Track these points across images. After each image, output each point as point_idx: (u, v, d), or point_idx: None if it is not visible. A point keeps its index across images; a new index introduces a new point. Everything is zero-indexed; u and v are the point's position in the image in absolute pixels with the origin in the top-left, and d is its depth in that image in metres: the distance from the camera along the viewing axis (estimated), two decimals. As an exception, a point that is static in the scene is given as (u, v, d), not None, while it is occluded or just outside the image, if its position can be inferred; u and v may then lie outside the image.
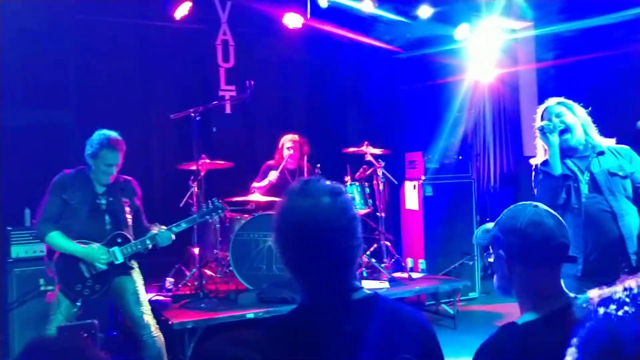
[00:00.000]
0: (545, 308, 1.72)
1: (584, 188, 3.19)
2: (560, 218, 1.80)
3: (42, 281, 4.90)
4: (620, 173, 3.18)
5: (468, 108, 7.85)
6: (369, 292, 1.59)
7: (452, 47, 7.28)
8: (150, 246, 3.92)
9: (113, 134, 3.94)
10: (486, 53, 7.40)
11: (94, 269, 3.79)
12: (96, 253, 3.75)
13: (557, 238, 1.73)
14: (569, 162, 3.26)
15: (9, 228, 5.08)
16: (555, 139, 3.23)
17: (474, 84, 7.72)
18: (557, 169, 3.21)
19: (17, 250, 5.03)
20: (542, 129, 3.27)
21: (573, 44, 7.32)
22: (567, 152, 3.26)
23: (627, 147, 3.30)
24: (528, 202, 1.82)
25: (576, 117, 3.29)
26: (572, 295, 1.77)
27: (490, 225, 1.88)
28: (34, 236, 4.07)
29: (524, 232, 1.73)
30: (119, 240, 3.86)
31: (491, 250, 1.85)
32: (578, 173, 3.23)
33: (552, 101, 3.37)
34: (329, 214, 1.49)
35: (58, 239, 3.75)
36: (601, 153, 3.25)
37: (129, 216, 3.98)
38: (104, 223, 3.87)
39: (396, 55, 7.44)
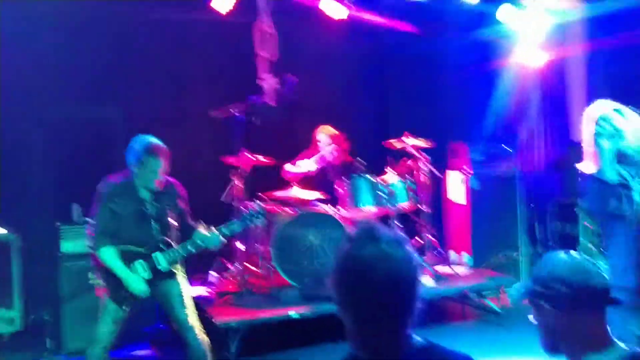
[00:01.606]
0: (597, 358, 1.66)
1: (637, 196, 3.08)
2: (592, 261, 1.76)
3: (91, 275, 5.03)
4: None
5: (513, 94, 7.62)
6: (422, 342, 1.56)
7: (497, 30, 7.05)
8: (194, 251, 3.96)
9: (153, 139, 3.92)
10: (533, 36, 7.14)
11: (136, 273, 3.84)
12: (135, 284, 3.79)
13: (599, 279, 1.71)
14: (620, 168, 3.14)
15: (59, 223, 5.23)
16: (607, 144, 3.11)
17: (520, 68, 7.48)
18: (610, 175, 3.10)
19: (67, 245, 5.18)
20: (595, 133, 3.16)
21: (626, 25, 7.02)
22: (617, 158, 3.16)
23: None
24: (557, 251, 1.80)
25: (627, 122, 3.16)
26: (622, 345, 1.71)
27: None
28: (89, 246, 4.14)
29: (565, 279, 1.71)
30: (163, 246, 3.90)
31: (533, 308, 1.81)
32: (630, 180, 3.11)
33: (602, 106, 3.26)
34: (400, 263, 1.47)
35: (108, 257, 3.81)
36: None
37: (173, 220, 4.02)
38: (151, 229, 3.90)
39: (438, 40, 7.26)
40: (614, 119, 3.17)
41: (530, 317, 1.83)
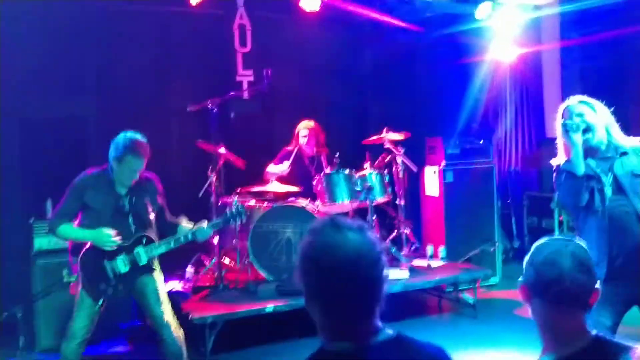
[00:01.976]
0: (565, 349, 1.68)
1: (608, 190, 3.12)
2: (589, 260, 1.73)
3: (65, 272, 4.98)
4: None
5: (489, 89, 7.70)
6: (390, 333, 1.55)
7: (473, 26, 7.10)
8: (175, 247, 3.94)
9: (139, 137, 3.89)
10: (508, 32, 7.21)
11: (117, 268, 3.82)
12: (105, 236, 3.77)
13: (568, 282, 1.67)
14: (592, 162, 3.18)
15: (32, 220, 5.16)
16: (578, 138, 3.15)
17: (496, 64, 7.55)
18: (580, 169, 3.13)
19: (40, 242, 5.11)
20: (565, 127, 3.18)
21: (600, 20, 7.11)
22: (588, 152, 3.18)
23: None
24: (561, 238, 1.79)
25: (598, 117, 3.20)
26: (594, 333, 1.72)
27: None
28: (46, 231, 4.11)
29: (537, 269, 1.72)
30: (144, 241, 3.88)
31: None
32: (602, 174, 3.15)
33: (573, 100, 3.29)
34: (357, 250, 1.47)
35: (68, 230, 3.80)
36: (624, 154, 3.16)
37: (152, 215, 3.99)
38: (128, 224, 3.88)
39: (416, 36, 7.29)
40: (586, 113, 3.20)
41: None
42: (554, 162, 3.33)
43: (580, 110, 3.20)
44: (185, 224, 4.02)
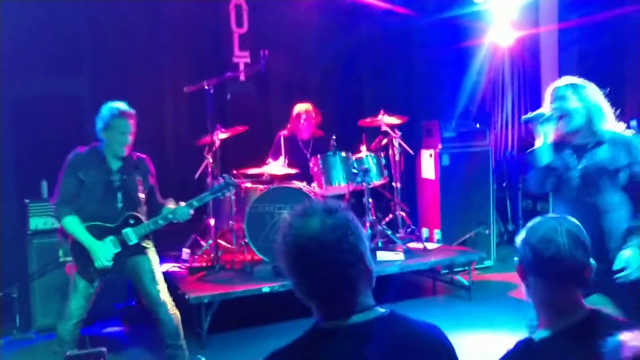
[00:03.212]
0: (561, 323, 1.70)
1: (574, 180, 3.05)
2: (584, 236, 1.76)
3: (61, 252, 4.99)
4: (614, 166, 2.99)
5: (486, 73, 7.67)
6: (382, 311, 1.57)
7: (471, 9, 7.06)
8: (163, 224, 3.94)
9: (121, 104, 3.91)
10: (505, 14, 7.17)
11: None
12: (101, 252, 3.75)
13: (566, 259, 1.70)
14: (567, 150, 3.08)
15: (27, 200, 5.15)
16: (547, 128, 3.07)
17: (493, 47, 7.52)
18: (543, 160, 3.06)
19: (36, 222, 5.11)
20: (534, 118, 3.11)
21: (598, 1, 7.07)
22: (566, 138, 3.09)
23: (632, 134, 3.09)
24: (556, 216, 1.81)
25: (581, 102, 3.05)
26: (588, 307, 1.75)
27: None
28: (52, 215, 4.10)
29: (534, 247, 1.73)
30: (132, 221, 3.87)
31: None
32: (572, 164, 3.07)
33: (562, 81, 3.15)
34: (317, 232, 1.50)
35: (72, 225, 3.77)
36: (600, 143, 3.04)
37: (142, 195, 3.98)
38: (115, 201, 3.86)
39: (413, 19, 7.25)
40: (568, 98, 3.05)
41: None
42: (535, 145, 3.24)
43: (563, 93, 3.09)
44: (172, 206, 4.00)
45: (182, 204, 3.97)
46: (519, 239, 1.83)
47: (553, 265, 1.70)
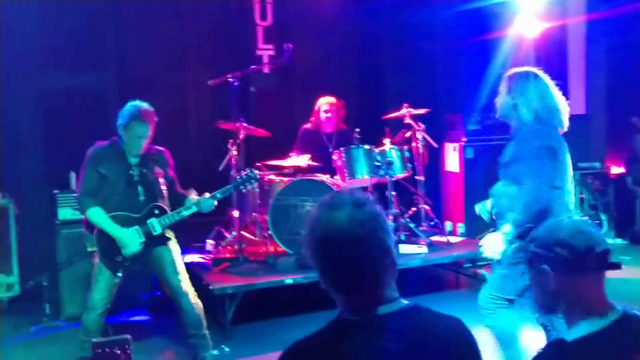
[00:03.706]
0: (596, 321, 1.69)
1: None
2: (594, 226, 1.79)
3: (88, 243, 5.07)
4: (510, 157, 3.18)
5: (512, 65, 7.58)
6: (406, 303, 1.58)
7: (496, 0, 6.98)
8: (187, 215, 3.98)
9: (144, 105, 3.93)
10: (532, 5, 7.07)
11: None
12: (128, 239, 3.81)
13: (601, 244, 1.72)
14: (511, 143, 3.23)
15: (56, 191, 5.26)
16: None
17: (519, 39, 7.42)
18: None
19: (64, 213, 5.21)
20: None
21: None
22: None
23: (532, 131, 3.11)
24: (560, 218, 1.85)
25: (508, 94, 3.17)
26: (619, 308, 1.74)
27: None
28: (76, 209, 4.17)
29: (569, 242, 1.71)
30: (157, 211, 3.92)
31: (530, 269, 1.82)
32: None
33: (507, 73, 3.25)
34: (346, 226, 1.50)
35: (97, 216, 3.83)
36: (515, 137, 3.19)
37: (163, 187, 4.03)
38: (137, 194, 3.92)
39: (438, 10, 7.19)
40: (500, 91, 3.22)
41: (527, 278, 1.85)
42: None
43: (500, 88, 3.22)
44: (194, 197, 4.05)
45: (207, 195, 4.02)
46: (531, 249, 1.81)
47: (592, 253, 1.70)
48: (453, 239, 5.96)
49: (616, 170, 7.74)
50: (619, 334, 1.67)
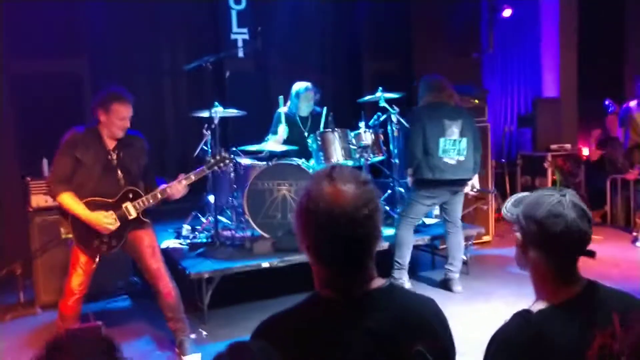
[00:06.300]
0: (560, 295, 1.71)
1: None
2: (585, 209, 1.74)
3: (62, 229, 5.02)
4: None
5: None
6: (383, 281, 1.60)
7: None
8: (162, 198, 3.97)
9: (119, 88, 3.93)
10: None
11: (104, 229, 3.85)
12: (99, 219, 3.79)
13: (575, 233, 1.69)
14: None
15: (28, 178, 5.18)
16: None
17: (491, 19, 7.47)
18: None
19: (37, 200, 5.14)
20: None
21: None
22: None
23: None
24: (557, 190, 1.78)
25: None
26: (585, 278, 1.76)
27: (523, 196, 1.85)
28: (46, 193, 4.12)
29: (542, 223, 1.70)
30: (131, 195, 3.91)
31: (515, 228, 1.82)
32: None
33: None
34: (353, 202, 1.48)
35: (68, 201, 3.79)
36: None
37: (139, 170, 4.02)
38: (116, 179, 3.90)
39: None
40: None
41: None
42: None
43: None
44: (168, 184, 4.03)
45: (181, 177, 4.00)
46: (516, 211, 1.79)
47: (562, 239, 1.69)
48: (428, 221, 6.02)
49: (586, 152, 7.89)
50: (584, 304, 1.70)
